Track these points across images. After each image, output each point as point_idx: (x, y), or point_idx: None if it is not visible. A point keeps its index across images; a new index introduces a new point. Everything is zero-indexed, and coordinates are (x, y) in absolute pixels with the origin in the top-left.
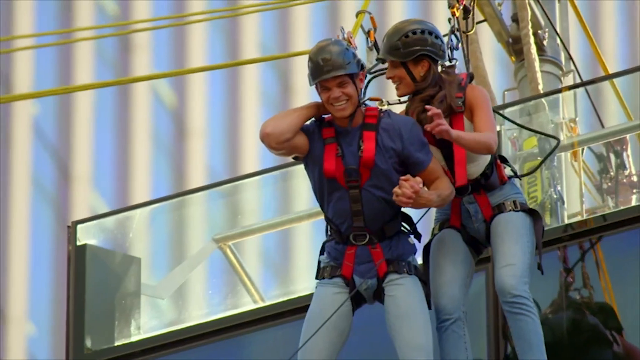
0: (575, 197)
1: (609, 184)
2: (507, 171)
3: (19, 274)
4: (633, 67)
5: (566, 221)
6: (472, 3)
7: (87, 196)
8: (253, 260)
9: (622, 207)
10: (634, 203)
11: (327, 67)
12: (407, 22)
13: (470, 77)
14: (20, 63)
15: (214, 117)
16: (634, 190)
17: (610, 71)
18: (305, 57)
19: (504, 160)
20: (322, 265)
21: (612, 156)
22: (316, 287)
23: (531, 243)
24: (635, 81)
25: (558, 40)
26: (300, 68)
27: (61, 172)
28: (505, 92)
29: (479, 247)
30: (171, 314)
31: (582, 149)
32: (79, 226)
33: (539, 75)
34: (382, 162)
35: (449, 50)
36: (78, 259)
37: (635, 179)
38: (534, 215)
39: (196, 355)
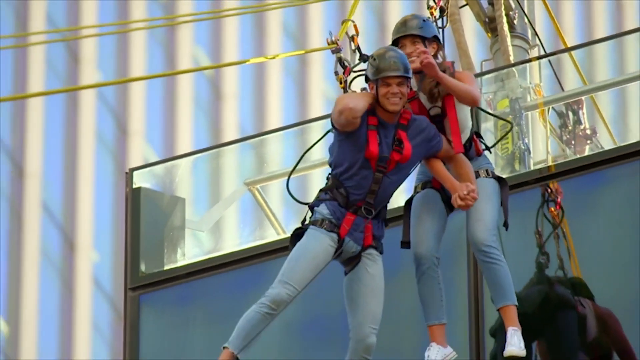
0: (540, 147)
1: (568, 136)
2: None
3: (86, 212)
4: (588, 41)
5: (532, 167)
6: (446, 4)
7: (141, 148)
8: (276, 200)
9: (578, 156)
10: (587, 152)
11: (393, 67)
12: (415, 15)
13: (453, 65)
14: None
15: None
16: (588, 142)
17: (569, 44)
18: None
19: (479, 135)
20: (321, 217)
21: (570, 114)
22: (310, 229)
23: (498, 204)
24: (589, 52)
25: (526, 20)
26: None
27: (120, 129)
28: (483, 62)
29: (453, 207)
30: (209, 244)
31: (548, 109)
32: (135, 172)
33: (510, 48)
34: (412, 160)
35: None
36: (134, 200)
37: (589, 132)
38: (501, 182)
39: (229, 278)
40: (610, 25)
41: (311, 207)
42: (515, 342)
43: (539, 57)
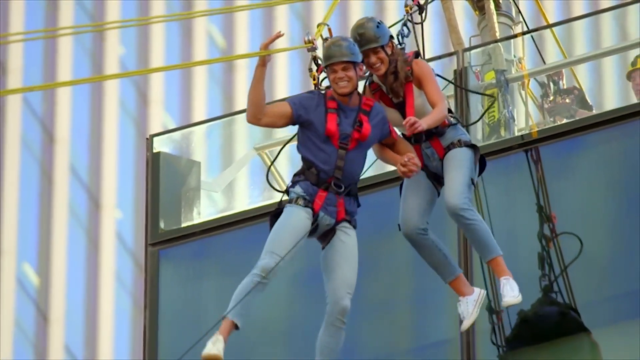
0: (523, 115)
1: (548, 105)
2: (452, 119)
3: (110, 174)
4: (567, 18)
5: (516, 134)
6: (426, 4)
7: (161, 116)
8: (283, 164)
9: (558, 123)
10: (566, 120)
11: (336, 54)
12: (367, 18)
13: (416, 54)
14: None
15: None
16: (566, 102)
17: (550, 21)
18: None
19: (449, 110)
20: (296, 195)
21: (551, 85)
22: (287, 207)
23: (470, 169)
24: (568, 28)
25: None
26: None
27: (141, 97)
28: (471, 38)
29: (440, 180)
30: (222, 204)
31: (529, 80)
32: (155, 138)
33: (496, 25)
34: (371, 138)
35: (399, 37)
36: (154, 163)
37: (568, 101)
38: (474, 148)
39: (241, 234)
40: (587, 4)
41: (286, 190)
42: (508, 292)
43: (522, 33)
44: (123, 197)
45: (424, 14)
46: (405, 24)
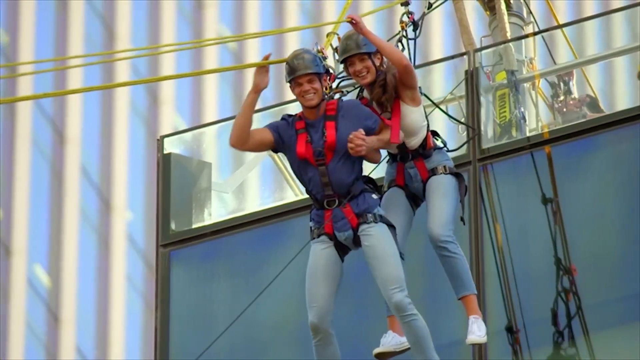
0: (534, 116)
1: (559, 105)
2: (439, 143)
3: (121, 175)
4: (579, 18)
5: (527, 134)
6: (421, 19)
7: (171, 117)
8: None
9: (569, 124)
10: (577, 120)
11: (301, 66)
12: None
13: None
14: None
15: None
16: (577, 110)
17: (561, 22)
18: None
19: (436, 133)
20: (312, 229)
21: (561, 85)
22: (311, 246)
23: (455, 199)
24: (579, 29)
25: None
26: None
27: (152, 97)
28: (482, 38)
29: (418, 201)
30: (233, 204)
31: (540, 80)
32: (165, 139)
33: (507, 25)
34: (343, 143)
35: None
36: (165, 164)
37: (577, 109)
38: (459, 177)
39: (252, 235)
40: (598, 4)
41: None
42: (475, 330)
43: (533, 34)
44: (134, 198)
45: (417, 31)
46: (400, 40)
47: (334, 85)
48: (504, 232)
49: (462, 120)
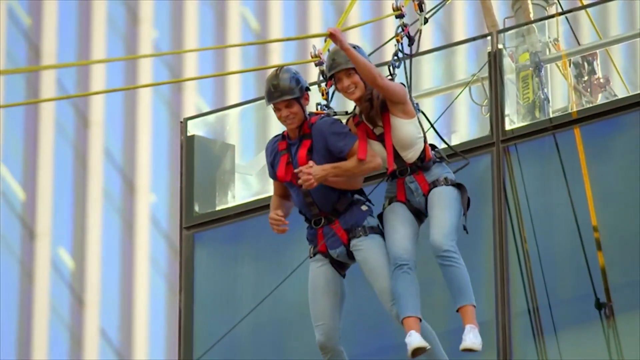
0: (558, 96)
1: (583, 85)
2: (438, 157)
3: (145, 157)
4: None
5: (551, 115)
6: (417, 34)
7: (194, 99)
8: None
9: (593, 104)
10: (600, 100)
11: (276, 93)
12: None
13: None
14: None
15: None
16: (601, 90)
17: (585, 2)
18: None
19: (434, 147)
20: (309, 248)
21: (585, 65)
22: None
23: (458, 210)
24: (603, 9)
25: None
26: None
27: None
28: (505, 19)
29: (421, 217)
30: (257, 186)
31: (567, 61)
32: (189, 122)
33: (530, 6)
34: (319, 161)
35: (390, 68)
36: (188, 146)
37: (602, 81)
38: (460, 188)
39: None
40: None
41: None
42: (470, 338)
43: (557, 15)
44: (157, 180)
45: (413, 46)
46: (395, 54)
47: (330, 91)
48: (528, 213)
49: (485, 102)
